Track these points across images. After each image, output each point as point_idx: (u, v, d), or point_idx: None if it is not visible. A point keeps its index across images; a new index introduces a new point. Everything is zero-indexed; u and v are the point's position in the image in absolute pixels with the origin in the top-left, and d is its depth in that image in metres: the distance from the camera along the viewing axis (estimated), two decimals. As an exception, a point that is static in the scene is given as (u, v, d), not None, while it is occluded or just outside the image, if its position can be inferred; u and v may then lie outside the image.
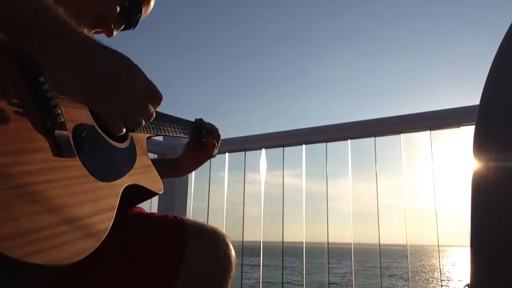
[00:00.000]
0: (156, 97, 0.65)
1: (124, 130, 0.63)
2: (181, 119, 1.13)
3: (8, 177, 0.49)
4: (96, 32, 0.91)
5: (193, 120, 1.20)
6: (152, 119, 0.65)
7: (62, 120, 0.62)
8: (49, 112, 0.61)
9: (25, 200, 0.50)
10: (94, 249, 0.58)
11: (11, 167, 0.51)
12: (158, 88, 0.65)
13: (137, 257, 0.80)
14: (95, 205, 0.62)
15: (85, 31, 0.87)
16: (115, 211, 0.67)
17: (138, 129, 0.91)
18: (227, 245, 0.91)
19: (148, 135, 0.95)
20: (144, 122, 0.64)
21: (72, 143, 0.63)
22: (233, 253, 0.92)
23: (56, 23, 0.56)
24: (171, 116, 1.08)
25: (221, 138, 1.22)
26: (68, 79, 0.57)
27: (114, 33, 0.92)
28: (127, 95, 0.60)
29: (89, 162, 0.64)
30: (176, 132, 1.09)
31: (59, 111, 0.62)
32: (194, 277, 0.84)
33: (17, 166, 0.51)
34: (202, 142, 1.19)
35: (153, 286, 0.80)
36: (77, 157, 0.62)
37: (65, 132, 0.62)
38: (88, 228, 0.59)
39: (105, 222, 0.63)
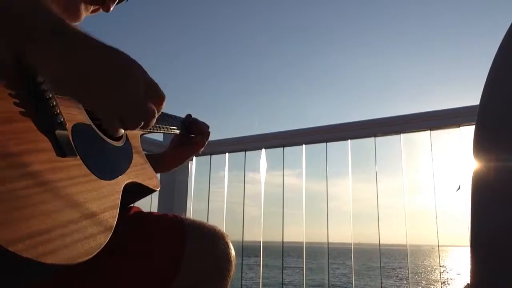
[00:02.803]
0: (158, 97, 0.61)
1: (122, 131, 0.62)
2: (171, 115, 1.12)
3: (17, 178, 0.50)
4: (94, 11, 0.92)
5: (183, 116, 1.18)
6: (155, 120, 0.61)
7: (62, 119, 0.62)
8: (49, 112, 0.60)
9: (35, 200, 0.51)
10: (101, 247, 0.58)
11: (20, 168, 0.51)
12: (160, 88, 0.61)
13: (137, 256, 0.80)
14: (100, 203, 0.63)
15: (82, 8, 0.88)
16: (118, 209, 0.67)
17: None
18: (226, 244, 0.91)
19: (141, 132, 0.95)
20: (143, 123, 0.60)
21: (72, 143, 0.63)
22: (232, 252, 0.92)
23: (46, 18, 0.54)
24: (162, 112, 1.08)
25: (221, 138, 1.22)
26: (56, 75, 0.53)
27: (111, 7, 0.92)
28: (124, 93, 0.56)
29: (89, 161, 0.64)
30: (167, 129, 1.09)
31: (58, 111, 0.62)
32: (193, 276, 0.84)
33: (26, 167, 0.52)
34: (190, 139, 1.18)
35: (152, 285, 0.80)
36: (78, 157, 0.63)
37: (65, 132, 0.62)
38: (96, 227, 0.59)
39: (109, 220, 0.63)
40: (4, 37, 0.52)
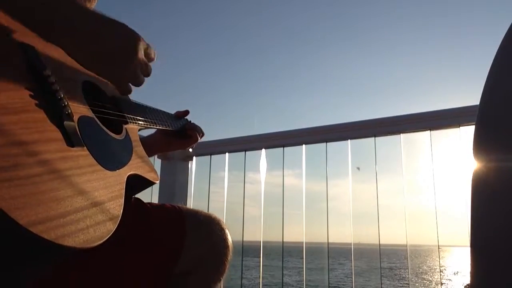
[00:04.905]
0: (153, 56, 0.78)
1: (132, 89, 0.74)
2: (165, 112, 1.17)
3: (33, 165, 0.52)
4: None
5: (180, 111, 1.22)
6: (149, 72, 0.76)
7: (70, 111, 0.65)
8: (57, 104, 0.63)
9: (49, 187, 0.53)
10: (111, 233, 0.60)
11: (35, 156, 0.53)
12: (152, 47, 0.78)
13: (138, 245, 0.82)
14: (107, 192, 0.65)
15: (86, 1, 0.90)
16: (123, 199, 0.69)
17: (132, 121, 0.93)
18: (222, 229, 0.94)
19: (139, 127, 0.98)
20: (145, 80, 0.76)
21: (79, 134, 0.65)
22: (229, 237, 0.95)
23: (70, 7, 0.64)
24: (157, 109, 1.12)
25: (222, 138, 1.23)
26: (83, 54, 0.66)
27: None
28: (134, 62, 0.71)
29: (94, 152, 0.67)
30: (163, 126, 1.11)
31: (66, 103, 0.65)
32: (191, 262, 0.87)
33: (39, 155, 0.54)
34: (184, 133, 1.19)
35: (153, 272, 0.82)
36: (85, 147, 0.65)
37: (73, 123, 0.65)
38: (106, 213, 0.62)
39: (116, 208, 0.65)
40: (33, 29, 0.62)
